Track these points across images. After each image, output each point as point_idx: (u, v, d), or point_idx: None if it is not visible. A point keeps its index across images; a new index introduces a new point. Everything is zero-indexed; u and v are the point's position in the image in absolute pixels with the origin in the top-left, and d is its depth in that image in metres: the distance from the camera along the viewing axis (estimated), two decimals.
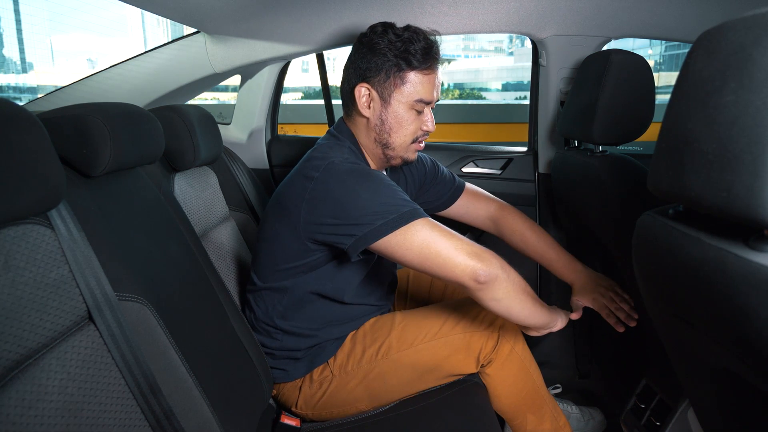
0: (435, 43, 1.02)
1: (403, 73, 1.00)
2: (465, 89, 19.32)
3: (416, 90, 1.00)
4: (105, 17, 78.17)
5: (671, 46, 13.00)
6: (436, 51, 1.02)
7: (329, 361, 1.07)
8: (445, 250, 0.88)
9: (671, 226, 0.55)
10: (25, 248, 0.58)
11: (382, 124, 1.03)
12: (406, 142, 1.05)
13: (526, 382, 1.07)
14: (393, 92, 1.01)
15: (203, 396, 0.77)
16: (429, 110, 1.05)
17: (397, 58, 0.99)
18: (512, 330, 1.05)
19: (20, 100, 3.01)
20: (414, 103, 1.01)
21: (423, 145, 1.09)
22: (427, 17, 1.44)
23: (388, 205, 0.89)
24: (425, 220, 0.90)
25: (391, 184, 0.95)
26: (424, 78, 1.00)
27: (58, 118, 0.76)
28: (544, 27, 1.50)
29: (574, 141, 1.49)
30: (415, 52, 0.98)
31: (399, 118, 1.02)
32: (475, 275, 0.88)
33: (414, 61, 0.98)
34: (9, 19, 37.79)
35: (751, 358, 0.49)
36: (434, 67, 1.02)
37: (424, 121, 1.05)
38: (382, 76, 1.00)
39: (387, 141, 1.05)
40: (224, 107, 3.22)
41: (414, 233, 0.88)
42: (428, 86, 1.01)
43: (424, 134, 1.07)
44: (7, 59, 34.88)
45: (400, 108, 1.01)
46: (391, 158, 1.07)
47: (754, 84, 0.41)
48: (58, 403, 0.57)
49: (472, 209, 1.34)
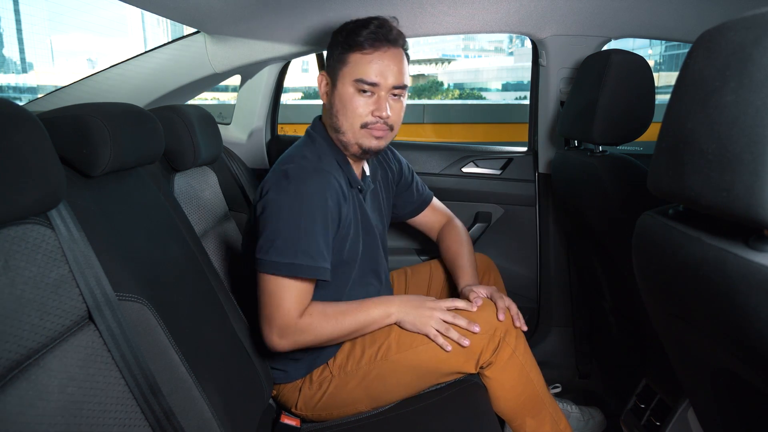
0: (385, 28, 1.02)
1: (345, 55, 1.02)
2: (465, 89, 19.34)
3: (356, 70, 1.01)
4: (105, 17, 78.13)
5: (671, 46, 13.00)
6: (384, 35, 1.01)
7: (329, 362, 1.07)
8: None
9: (671, 226, 0.55)
10: (25, 248, 0.58)
11: (332, 108, 1.06)
12: (355, 126, 1.03)
13: (525, 386, 1.06)
14: (338, 74, 1.03)
15: (203, 396, 0.77)
16: (383, 96, 1.03)
17: (343, 41, 1.02)
18: (514, 334, 1.04)
19: (20, 100, 3.00)
20: (354, 83, 1.01)
21: (381, 134, 1.05)
22: (427, 17, 1.44)
23: (294, 244, 0.94)
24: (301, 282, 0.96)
25: (323, 221, 0.97)
26: (364, 58, 1.01)
27: (58, 118, 0.76)
28: (544, 27, 1.50)
29: (574, 141, 1.49)
30: (357, 35, 1.00)
31: (343, 100, 1.03)
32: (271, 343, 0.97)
33: (354, 43, 1.00)
34: (9, 19, 37.78)
35: (750, 358, 0.49)
36: (378, 48, 1.01)
37: (376, 107, 1.02)
38: (332, 62, 1.05)
39: (337, 125, 1.05)
40: (224, 107, 3.23)
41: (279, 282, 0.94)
42: (369, 67, 1.00)
43: (376, 120, 1.03)
44: (7, 59, 34.86)
45: (344, 89, 1.02)
46: (347, 145, 1.06)
47: (754, 84, 0.41)
48: (58, 403, 0.57)
49: (430, 221, 1.38)
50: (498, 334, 1.01)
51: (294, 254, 0.92)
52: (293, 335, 0.95)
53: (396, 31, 1.04)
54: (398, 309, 1.03)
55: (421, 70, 24.34)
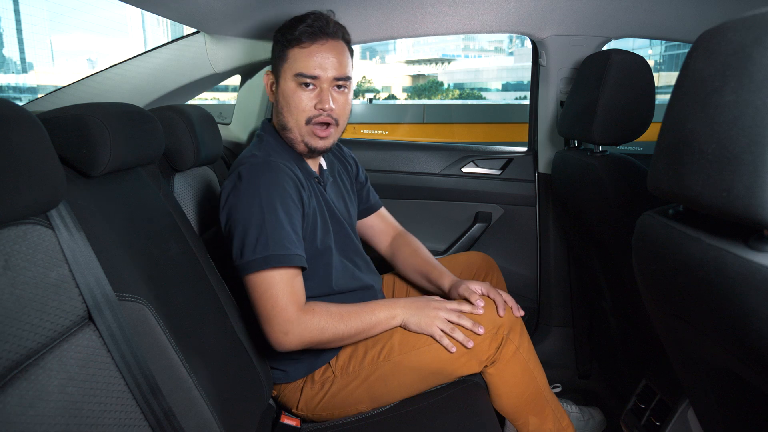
0: (321, 21, 1.03)
1: (285, 51, 1.04)
2: (465, 89, 19.36)
3: (296, 65, 1.02)
4: (105, 17, 78.09)
5: (671, 46, 13.01)
6: (321, 27, 1.02)
7: (331, 362, 1.07)
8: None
9: (671, 226, 0.55)
10: (25, 248, 0.58)
11: (277, 105, 1.07)
12: (300, 122, 1.04)
13: (528, 384, 1.06)
14: (280, 71, 1.05)
15: (203, 396, 0.77)
16: (326, 88, 1.03)
17: (282, 38, 1.04)
18: (518, 331, 1.04)
19: (20, 100, 3.01)
20: (295, 78, 1.02)
21: (326, 133, 1.05)
22: (427, 17, 1.44)
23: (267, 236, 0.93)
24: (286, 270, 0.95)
25: (285, 209, 0.96)
26: (301, 52, 1.02)
27: (58, 118, 0.76)
28: (544, 27, 1.50)
29: (574, 141, 1.49)
30: (294, 31, 1.02)
31: (286, 96, 1.04)
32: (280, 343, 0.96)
33: (292, 38, 1.02)
34: (9, 19, 37.79)
35: (750, 358, 0.49)
36: (315, 41, 1.02)
37: (319, 100, 1.03)
38: (274, 60, 1.07)
39: (283, 122, 1.06)
40: (224, 107, 3.23)
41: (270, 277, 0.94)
42: (308, 60, 1.01)
43: (319, 114, 1.03)
44: (7, 59, 34.85)
45: (286, 85, 1.04)
46: (294, 142, 1.07)
47: (754, 84, 0.41)
48: (58, 403, 0.57)
49: (378, 228, 1.36)
50: (501, 332, 1.01)
51: (266, 248, 0.92)
52: (298, 331, 0.94)
53: (333, 23, 1.05)
54: (403, 311, 1.03)
55: (421, 70, 24.34)
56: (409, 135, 7.67)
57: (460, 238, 1.79)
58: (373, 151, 1.81)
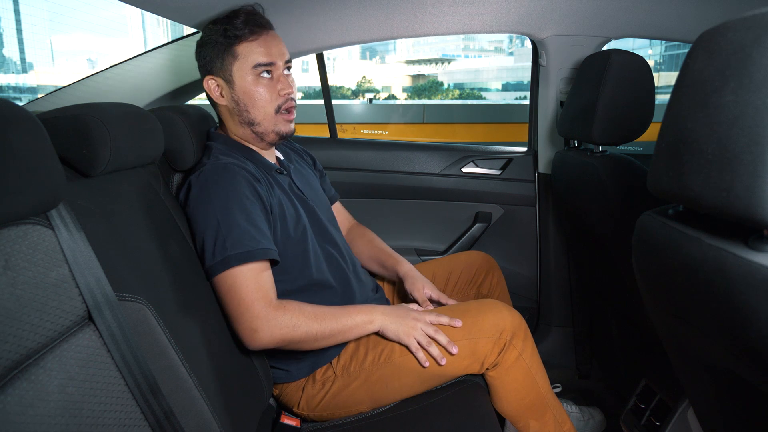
0: (253, 12, 1.07)
1: (233, 49, 1.04)
2: (465, 89, 19.36)
3: (251, 58, 1.04)
4: (105, 17, 78.19)
5: (671, 46, 13.02)
6: (258, 18, 1.06)
7: (332, 362, 1.07)
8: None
9: (671, 226, 0.55)
10: (25, 248, 0.58)
11: (237, 105, 1.07)
12: (269, 113, 1.07)
13: (530, 389, 1.05)
14: (231, 70, 1.05)
15: (203, 396, 0.77)
16: (281, 74, 1.07)
17: (223, 39, 1.04)
18: (521, 337, 1.02)
19: (20, 100, 3.00)
20: (253, 70, 1.04)
21: (293, 116, 1.10)
22: (428, 17, 1.44)
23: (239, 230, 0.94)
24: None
25: (240, 207, 0.96)
26: (252, 45, 1.04)
27: (58, 118, 0.76)
28: (544, 27, 1.50)
29: (574, 141, 1.49)
30: (235, 27, 1.04)
31: (248, 92, 1.05)
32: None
33: (235, 36, 1.04)
34: (9, 19, 37.85)
35: (750, 359, 0.49)
36: (259, 32, 1.05)
37: (280, 87, 1.06)
38: (218, 62, 1.06)
39: (249, 118, 1.07)
40: None
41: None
42: (260, 50, 1.04)
43: (286, 100, 1.07)
44: (7, 59, 34.90)
45: (244, 81, 1.05)
46: (264, 135, 1.09)
47: (753, 84, 0.41)
48: (58, 403, 0.57)
49: (337, 218, 1.37)
50: (504, 337, 1.01)
51: (223, 249, 0.93)
52: (267, 328, 0.92)
53: (264, 18, 1.09)
54: (382, 317, 1.03)
55: (421, 70, 24.33)
56: (409, 135, 7.67)
57: (460, 238, 1.79)
58: (373, 151, 1.81)
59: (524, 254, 1.79)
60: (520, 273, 1.79)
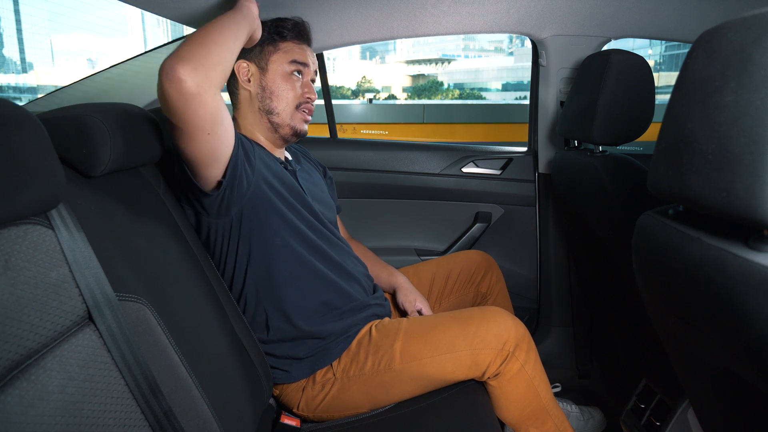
0: (303, 22, 1.15)
1: (276, 43, 1.11)
2: (465, 89, 19.36)
3: (290, 54, 1.11)
4: (105, 17, 78.11)
5: (671, 46, 13.01)
6: (306, 30, 1.16)
7: (333, 364, 1.07)
8: None
9: (671, 226, 0.55)
10: (25, 248, 0.58)
11: (263, 91, 1.11)
12: (290, 107, 1.12)
13: (531, 400, 1.04)
14: (269, 59, 1.11)
15: (203, 396, 0.77)
16: (309, 81, 1.15)
17: (269, 33, 1.10)
18: (524, 348, 1.02)
19: (20, 100, 3.00)
20: (289, 65, 1.11)
21: (309, 118, 1.15)
22: (428, 17, 1.44)
23: None
24: None
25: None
26: (295, 46, 1.12)
27: (58, 118, 0.76)
28: (544, 27, 1.50)
29: (574, 141, 1.49)
30: (285, 27, 1.11)
31: (277, 82, 1.10)
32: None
33: (285, 33, 1.11)
34: (9, 19, 37.81)
35: (750, 359, 0.49)
36: (304, 41, 1.15)
37: (305, 90, 1.13)
38: (257, 49, 1.11)
39: (270, 107, 1.11)
40: None
41: None
42: (300, 52, 1.12)
43: (306, 101, 1.13)
44: (7, 59, 34.87)
45: (276, 72, 1.10)
46: (279, 126, 1.12)
47: (754, 84, 0.41)
48: (58, 403, 0.57)
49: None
50: (507, 348, 1.00)
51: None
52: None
53: (309, 32, 1.17)
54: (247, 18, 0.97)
55: (421, 70, 24.35)
56: (409, 135, 7.67)
57: (460, 238, 1.79)
58: (373, 151, 1.81)
59: (524, 254, 1.79)
60: (521, 273, 1.79)
